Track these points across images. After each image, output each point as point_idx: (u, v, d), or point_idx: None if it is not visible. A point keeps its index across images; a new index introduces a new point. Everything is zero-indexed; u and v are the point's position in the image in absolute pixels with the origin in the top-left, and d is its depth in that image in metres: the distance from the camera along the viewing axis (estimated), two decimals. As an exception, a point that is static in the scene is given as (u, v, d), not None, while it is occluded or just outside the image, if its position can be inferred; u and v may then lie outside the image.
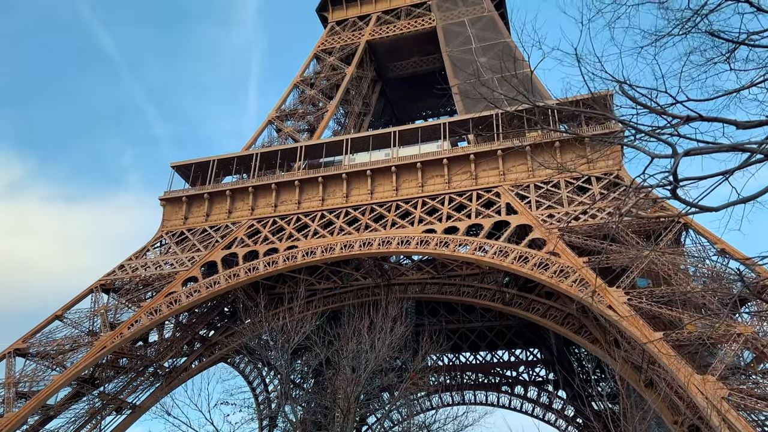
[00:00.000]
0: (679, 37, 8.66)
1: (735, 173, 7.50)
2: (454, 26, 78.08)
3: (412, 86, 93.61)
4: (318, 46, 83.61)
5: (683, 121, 7.88)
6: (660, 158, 7.82)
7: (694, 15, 8.29)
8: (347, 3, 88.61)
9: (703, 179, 7.50)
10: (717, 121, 7.96)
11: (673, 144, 7.67)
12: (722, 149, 7.53)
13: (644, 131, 7.99)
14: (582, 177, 50.77)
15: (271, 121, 73.85)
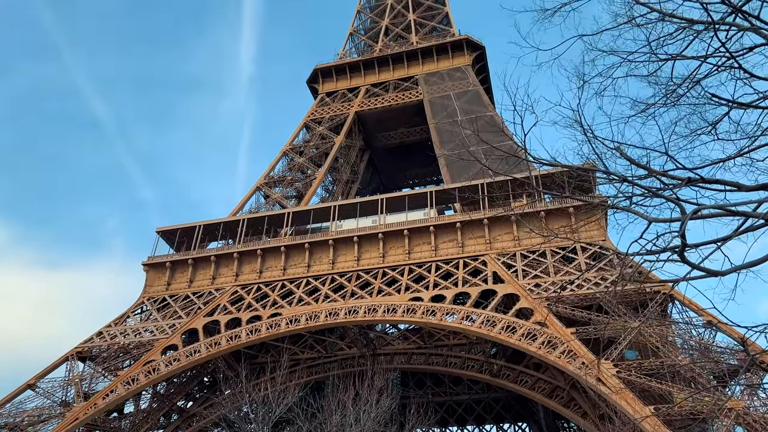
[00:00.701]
0: (666, 107, 8.88)
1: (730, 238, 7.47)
2: (441, 99, 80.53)
3: (399, 155, 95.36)
4: (308, 116, 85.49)
5: (684, 183, 7.88)
6: (659, 222, 7.80)
7: (686, 80, 8.52)
8: (337, 76, 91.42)
9: (713, 243, 7.36)
10: (719, 183, 7.96)
11: (681, 203, 7.59)
12: (735, 213, 7.41)
13: (646, 188, 7.94)
14: (568, 247, 51.10)
15: (260, 188, 74.32)
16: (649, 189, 7.92)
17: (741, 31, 8.11)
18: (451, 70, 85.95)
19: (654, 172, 8.07)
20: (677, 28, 8.64)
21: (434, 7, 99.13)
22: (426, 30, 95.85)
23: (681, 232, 6.96)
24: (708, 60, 8.15)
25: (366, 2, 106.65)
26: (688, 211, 7.32)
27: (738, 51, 7.66)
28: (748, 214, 7.35)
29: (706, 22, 8.54)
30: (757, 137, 9.17)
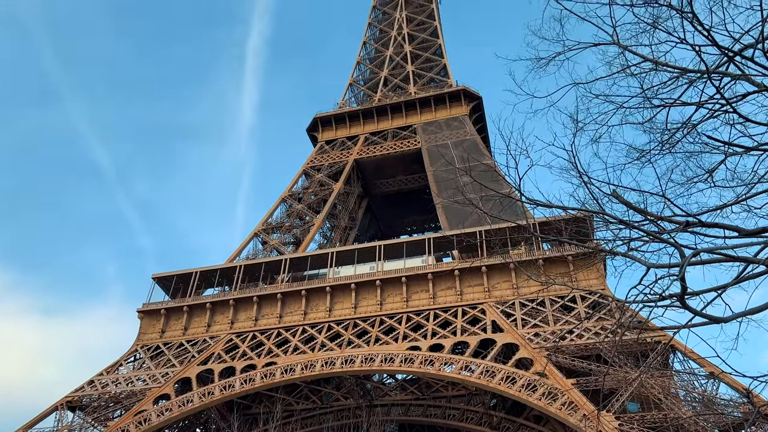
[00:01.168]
0: (662, 154, 8.90)
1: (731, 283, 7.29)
2: (439, 148, 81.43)
3: (397, 202, 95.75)
4: (307, 163, 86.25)
5: (682, 226, 7.76)
6: (658, 267, 7.66)
7: (681, 126, 8.56)
8: (337, 124, 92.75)
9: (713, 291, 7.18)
10: (718, 227, 7.84)
11: (680, 247, 7.44)
12: (735, 259, 7.25)
13: (645, 232, 7.81)
14: (567, 295, 50.69)
15: (257, 234, 74.22)
16: (648, 233, 7.82)
17: (734, 80, 8.22)
18: (448, 119, 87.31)
19: (651, 215, 8.00)
20: (671, 77, 8.76)
21: (432, 59, 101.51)
22: (424, 81, 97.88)
23: (681, 276, 6.81)
24: (703, 106, 8.22)
25: (365, 54, 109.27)
26: (687, 255, 7.18)
27: (731, 98, 7.74)
28: (749, 259, 7.23)
29: (699, 71, 8.67)
30: (754, 184, 9.17)
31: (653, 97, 8.92)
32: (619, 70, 9.50)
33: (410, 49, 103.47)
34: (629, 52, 9.10)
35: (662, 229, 7.94)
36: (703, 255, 7.35)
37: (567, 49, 9.62)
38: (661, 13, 8.32)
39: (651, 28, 8.65)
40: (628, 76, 9.61)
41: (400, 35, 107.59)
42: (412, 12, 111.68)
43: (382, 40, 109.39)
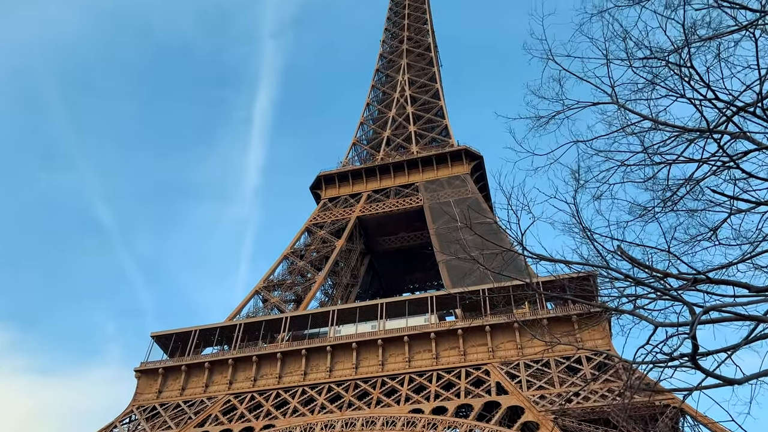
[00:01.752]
0: (664, 212, 8.84)
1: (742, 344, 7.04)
2: (441, 205, 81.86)
3: (399, 259, 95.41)
4: (310, 220, 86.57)
5: (690, 283, 7.56)
6: (666, 326, 7.43)
7: (683, 183, 8.51)
8: (340, 182, 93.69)
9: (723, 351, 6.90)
10: (727, 283, 7.64)
11: (691, 305, 7.21)
12: (746, 318, 7.00)
13: (653, 288, 7.60)
14: (573, 356, 49.64)
15: (258, 291, 73.64)
16: (656, 289, 7.63)
17: (733, 138, 8.27)
18: (450, 177, 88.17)
19: (658, 272, 7.84)
20: (671, 135, 8.83)
21: (434, 119, 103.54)
22: (426, 140, 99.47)
23: (692, 334, 6.57)
24: (706, 162, 8.22)
25: (369, 115, 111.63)
26: (698, 313, 6.95)
27: (735, 155, 7.75)
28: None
29: (698, 129, 8.74)
30: (759, 242, 9.07)
31: (654, 154, 8.96)
32: (618, 128, 9.59)
33: (412, 111, 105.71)
34: (628, 111, 9.20)
35: (669, 286, 7.76)
36: (713, 313, 7.13)
37: (566, 108, 9.74)
38: (659, 71, 8.46)
39: (650, 85, 8.77)
40: (627, 134, 9.70)
41: (402, 97, 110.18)
42: (414, 75, 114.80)
43: (385, 102, 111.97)
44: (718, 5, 7.59)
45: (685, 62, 7.58)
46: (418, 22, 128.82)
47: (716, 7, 7.65)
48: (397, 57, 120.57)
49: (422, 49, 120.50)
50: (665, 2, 9.08)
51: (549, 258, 8.67)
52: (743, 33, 7.58)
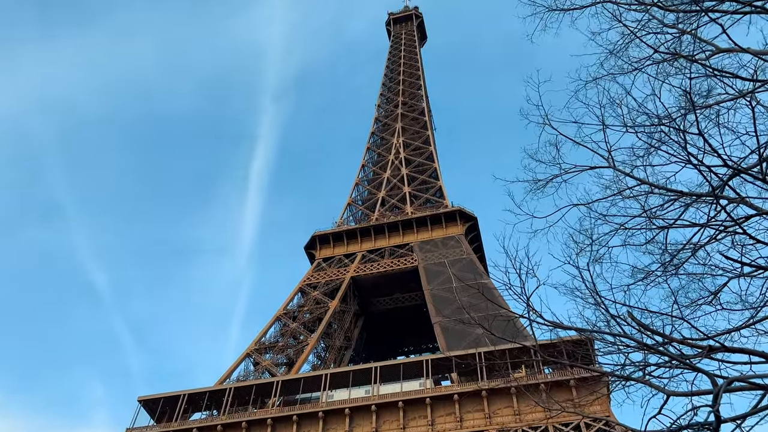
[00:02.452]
0: (665, 275, 8.75)
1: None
2: (435, 266, 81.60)
3: (394, 321, 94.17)
4: (304, 281, 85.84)
5: (704, 351, 7.34)
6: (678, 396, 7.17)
7: (683, 247, 8.45)
8: (334, 242, 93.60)
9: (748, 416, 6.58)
10: (743, 352, 7.42)
11: (712, 375, 6.92)
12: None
13: (670, 355, 7.32)
14: (572, 422, 48.25)
15: (250, 354, 72.07)
16: (673, 356, 7.41)
17: (731, 202, 8.30)
18: (445, 238, 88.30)
19: (671, 339, 7.65)
20: (668, 199, 8.86)
21: (428, 181, 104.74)
22: (420, 201, 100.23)
23: (715, 409, 6.31)
24: (708, 226, 8.20)
25: (364, 176, 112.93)
26: (721, 384, 6.71)
27: (739, 218, 7.74)
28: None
29: (695, 194, 8.78)
30: (761, 307, 8.95)
31: (653, 217, 8.97)
32: (615, 192, 9.64)
33: (407, 172, 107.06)
34: (624, 174, 9.27)
35: (682, 354, 7.55)
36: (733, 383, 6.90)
37: (564, 172, 9.82)
38: (657, 136, 8.59)
39: (647, 149, 8.88)
40: (624, 198, 9.74)
41: (397, 159, 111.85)
42: (409, 138, 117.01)
43: (380, 163, 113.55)
44: (713, 74, 7.79)
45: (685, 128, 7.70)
46: (412, 88, 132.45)
47: (712, 76, 7.85)
48: (392, 120, 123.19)
49: (416, 113, 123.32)
50: (656, 70, 9.35)
51: (558, 324, 8.50)
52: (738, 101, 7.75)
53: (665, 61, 8.98)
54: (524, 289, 8.54)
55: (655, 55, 8.83)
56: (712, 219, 8.04)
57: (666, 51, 8.65)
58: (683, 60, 8.81)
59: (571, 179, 9.84)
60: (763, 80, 7.69)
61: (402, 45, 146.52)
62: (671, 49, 8.53)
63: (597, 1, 9.75)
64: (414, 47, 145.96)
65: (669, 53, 8.57)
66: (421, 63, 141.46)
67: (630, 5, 9.12)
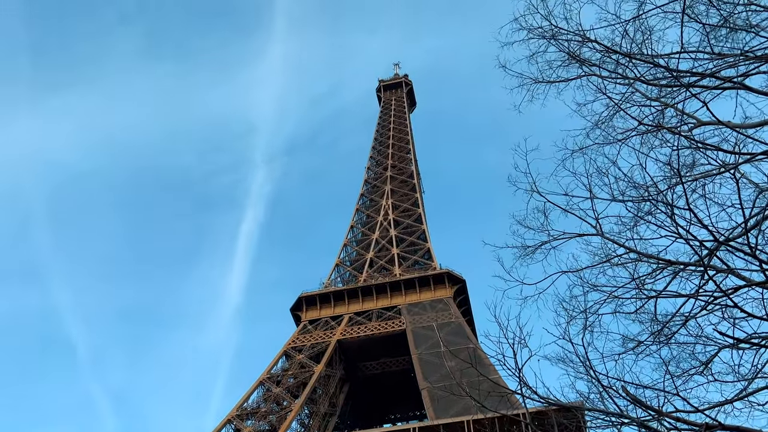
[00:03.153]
0: (657, 345, 8.65)
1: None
2: (423, 330, 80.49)
3: (380, 386, 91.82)
4: (288, 344, 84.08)
5: (702, 429, 7.14)
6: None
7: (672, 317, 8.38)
8: (321, 304, 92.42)
9: None
10: (741, 431, 7.24)
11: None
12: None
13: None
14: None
15: (230, 420, 69.62)
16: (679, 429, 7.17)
17: (719, 272, 8.32)
18: (433, 301, 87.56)
19: (666, 414, 7.47)
20: (656, 268, 8.89)
21: (417, 243, 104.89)
22: (409, 263, 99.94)
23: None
24: (698, 297, 8.19)
25: (352, 237, 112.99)
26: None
27: (728, 289, 7.74)
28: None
29: (682, 263, 8.82)
30: (752, 379, 8.82)
31: (643, 286, 8.96)
32: (603, 260, 9.66)
33: (395, 234, 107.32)
34: (612, 242, 9.33)
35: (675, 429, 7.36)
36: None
37: (552, 239, 9.88)
38: (645, 207, 8.70)
39: (634, 219, 8.97)
40: (613, 265, 9.76)
41: (386, 221, 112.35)
42: (398, 200, 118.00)
43: (368, 225, 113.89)
44: (697, 146, 7.99)
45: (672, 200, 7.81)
46: (401, 151, 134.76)
47: (695, 148, 8.04)
48: (382, 182, 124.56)
49: (405, 176, 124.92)
50: (641, 140, 9.58)
51: (553, 402, 8.28)
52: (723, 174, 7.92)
53: (649, 132, 9.23)
54: (516, 360, 8.38)
55: (640, 126, 9.08)
56: (701, 289, 8.03)
57: (650, 123, 8.90)
58: (667, 131, 9.06)
59: (560, 246, 9.88)
60: (745, 153, 7.89)
61: (392, 110, 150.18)
62: (655, 120, 8.78)
63: (582, 74, 10.10)
64: (403, 112, 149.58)
65: (653, 125, 8.82)
66: (410, 127, 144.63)
67: (614, 79, 9.45)
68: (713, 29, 8.36)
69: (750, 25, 8.38)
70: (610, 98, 9.28)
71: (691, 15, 8.23)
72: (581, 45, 9.67)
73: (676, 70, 8.62)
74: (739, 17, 8.33)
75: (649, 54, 8.98)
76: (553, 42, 9.75)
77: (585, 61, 9.66)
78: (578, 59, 9.59)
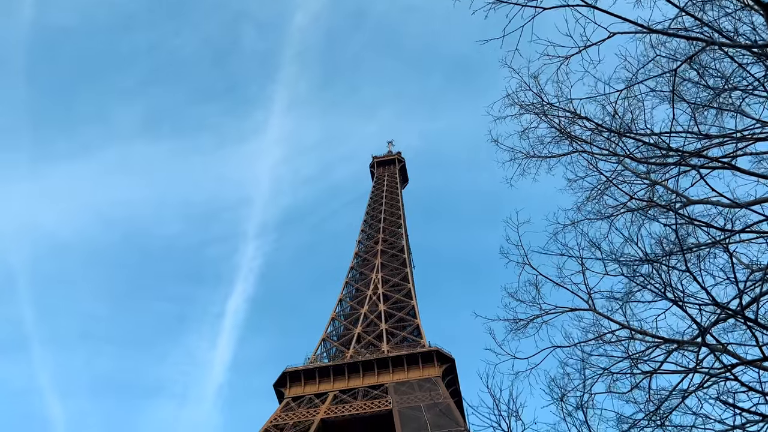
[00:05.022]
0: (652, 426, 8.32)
1: None
2: (410, 410, 77.80)
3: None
4: (270, 422, 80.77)
5: None
6: None
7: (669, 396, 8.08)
8: (306, 380, 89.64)
9: None
10: None
11: None
12: None
13: None
14: None
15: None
16: None
17: (713, 351, 8.14)
18: (421, 380, 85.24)
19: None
20: (650, 345, 8.70)
21: (406, 319, 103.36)
22: (397, 339, 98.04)
23: None
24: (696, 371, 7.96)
25: (341, 311, 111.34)
26: None
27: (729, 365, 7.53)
28: None
29: (675, 341, 8.65)
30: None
31: (637, 361, 8.73)
32: (596, 336, 9.45)
33: (384, 309, 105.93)
34: (604, 317, 9.17)
35: None
36: None
37: (544, 313, 9.71)
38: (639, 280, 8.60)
39: (626, 293, 8.87)
40: (605, 342, 9.54)
41: (375, 295, 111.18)
42: (388, 274, 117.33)
43: (357, 298, 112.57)
44: (690, 221, 8.02)
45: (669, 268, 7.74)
46: (393, 226, 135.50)
47: (688, 224, 8.07)
48: (372, 256, 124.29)
49: (396, 250, 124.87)
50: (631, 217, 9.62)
51: None
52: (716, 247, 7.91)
53: (640, 209, 9.28)
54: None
55: (631, 202, 9.15)
56: (699, 364, 7.82)
57: (641, 198, 8.98)
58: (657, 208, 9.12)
59: (552, 321, 9.70)
60: (733, 231, 7.92)
61: (384, 186, 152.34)
62: (646, 196, 8.87)
63: (572, 150, 10.28)
64: (396, 188, 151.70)
65: (644, 200, 8.90)
66: (402, 203, 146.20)
67: (604, 156, 9.62)
68: (700, 109, 8.61)
69: (736, 108, 8.64)
70: (601, 173, 9.41)
71: (678, 95, 8.49)
72: (572, 122, 9.90)
73: (665, 148, 8.80)
74: (729, 97, 8.60)
75: (638, 132, 9.20)
76: (544, 118, 9.98)
77: (575, 138, 9.86)
78: (569, 135, 9.79)
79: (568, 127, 9.84)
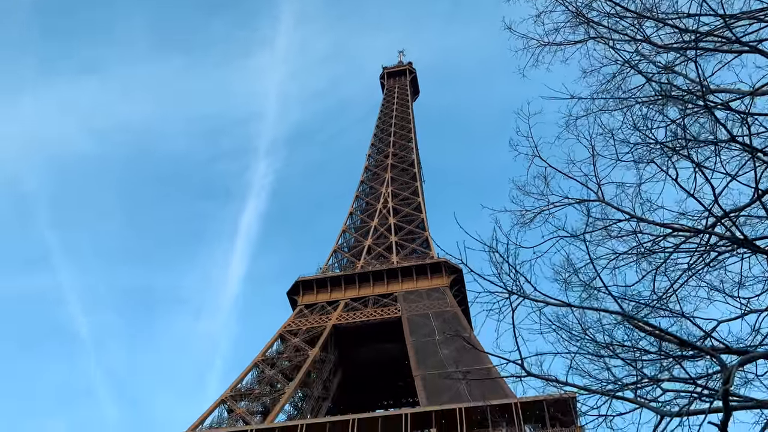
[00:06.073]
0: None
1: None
2: (419, 318, 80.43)
3: (374, 372, 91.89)
4: (284, 327, 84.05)
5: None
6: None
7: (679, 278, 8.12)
8: (318, 289, 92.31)
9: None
10: None
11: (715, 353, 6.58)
12: None
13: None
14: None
15: (224, 401, 69.65)
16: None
17: (722, 239, 8.06)
18: (429, 289, 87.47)
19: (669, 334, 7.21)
20: (659, 235, 8.64)
21: (415, 231, 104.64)
22: (407, 251, 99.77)
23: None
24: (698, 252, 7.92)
25: (351, 224, 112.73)
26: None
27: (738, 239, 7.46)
28: None
29: (685, 228, 8.56)
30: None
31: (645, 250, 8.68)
32: (600, 227, 9.34)
33: (394, 222, 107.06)
34: (613, 207, 9.04)
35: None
36: None
37: (551, 205, 9.56)
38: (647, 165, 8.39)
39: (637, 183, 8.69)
40: (612, 238, 9.44)
41: (385, 208, 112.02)
42: (398, 188, 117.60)
43: (368, 212, 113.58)
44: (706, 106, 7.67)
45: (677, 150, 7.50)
46: (403, 139, 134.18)
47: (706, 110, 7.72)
48: (382, 170, 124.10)
49: (406, 165, 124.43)
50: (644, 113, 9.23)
51: (549, 378, 7.99)
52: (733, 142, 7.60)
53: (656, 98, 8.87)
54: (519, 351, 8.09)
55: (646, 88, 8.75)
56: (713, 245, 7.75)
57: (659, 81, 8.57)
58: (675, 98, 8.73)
59: (558, 213, 9.56)
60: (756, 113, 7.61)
61: (395, 98, 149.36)
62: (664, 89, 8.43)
63: (588, 37, 9.75)
64: (406, 101, 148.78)
65: (663, 82, 8.49)
66: (413, 116, 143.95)
67: (622, 41, 9.11)
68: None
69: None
70: (619, 55, 8.94)
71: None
72: (589, 5, 9.33)
73: (687, 30, 8.30)
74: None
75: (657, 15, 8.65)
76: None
77: (592, 22, 9.32)
78: (585, 18, 9.24)
79: (586, 10, 9.28)
